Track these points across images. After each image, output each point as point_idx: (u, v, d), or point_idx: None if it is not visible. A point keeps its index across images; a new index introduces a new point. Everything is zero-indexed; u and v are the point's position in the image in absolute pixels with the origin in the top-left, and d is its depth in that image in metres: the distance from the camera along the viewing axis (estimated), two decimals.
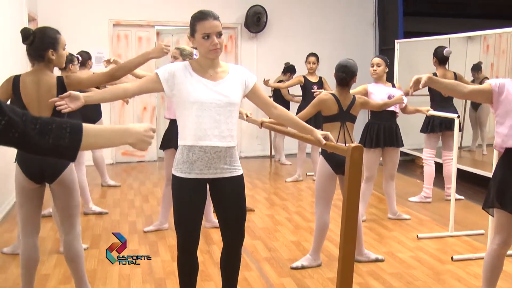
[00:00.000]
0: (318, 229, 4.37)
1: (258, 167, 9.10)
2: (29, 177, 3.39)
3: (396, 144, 5.53)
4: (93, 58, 9.04)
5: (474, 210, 6.13)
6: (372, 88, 5.46)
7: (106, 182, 7.41)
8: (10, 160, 5.48)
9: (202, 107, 3.06)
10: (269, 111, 3.34)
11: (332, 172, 4.24)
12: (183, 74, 3.09)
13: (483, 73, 8.18)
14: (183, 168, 3.13)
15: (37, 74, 3.41)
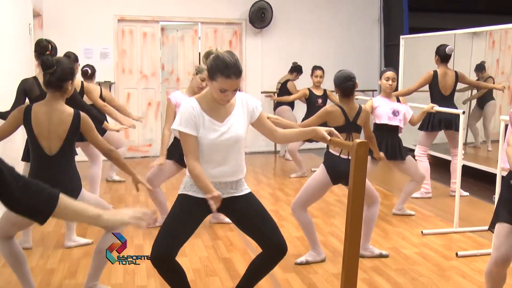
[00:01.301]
0: (305, 228, 4.40)
1: (263, 163, 9.10)
2: None
3: (400, 157, 5.50)
4: (98, 54, 9.15)
5: (479, 206, 6.12)
6: (378, 101, 5.43)
7: (111, 177, 7.43)
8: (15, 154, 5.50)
9: (212, 149, 3.09)
10: (273, 136, 3.36)
11: (329, 182, 4.26)
12: (197, 118, 3.07)
13: (487, 72, 8.15)
14: (190, 189, 3.17)
15: (51, 105, 3.41)
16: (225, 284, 3.97)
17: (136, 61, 9.50)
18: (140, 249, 4.73)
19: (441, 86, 6.34)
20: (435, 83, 6.35)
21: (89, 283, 3.69)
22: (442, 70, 6.40)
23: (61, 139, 3.38)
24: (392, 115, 5.39)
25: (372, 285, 3.99)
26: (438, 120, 6.33)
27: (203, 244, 4.85)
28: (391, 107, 5.41)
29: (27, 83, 4.54)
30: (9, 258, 3.53)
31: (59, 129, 3.37)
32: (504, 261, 3.14)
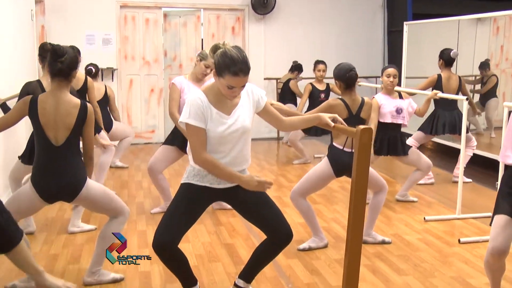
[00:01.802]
0: (305, 215, 4.41)
1: (266, 149, 9.11)
2: (43, 198, 3.44)
3: (402, 153, 5.49)
4: (100, 40, 9.13)
5: (481, 193, 6.13)
6: (381, 99, 5.40)
7: (115, 163, 7.44)
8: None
9: (220, 141, 3.09)
10: (279, 124, 3.37)
11: (332, 174, 4.27)
12: (205, 110, 3.05)
13: (491, 71, 8.12)
14: (193, 179, 3.17)
15: (57, 95, 3.42)
16: (227, 269, 3.99)
17: (138, 48, 9.49)
18: (143, 235, 4.75)
19: (445, 90, 6.29)
20: (438, 87, 6.29)
21: (92, 269, 3.71)
22: (446, 74, 6.37)
23: (68, 130, 3.40)
24: (395, 113, 5.37)
25: (374, 271, 4.01)
26: (442, 123, 6.30)
27: (206, 230, 4.86)
28: (394, 105, 5.39)
29: (31, 86, 4.53)
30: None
31: (66, 120, 3.38)
32: (500, 253, 3.11)
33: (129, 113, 9.54)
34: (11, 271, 3.94)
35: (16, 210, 3.45)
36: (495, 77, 7.96)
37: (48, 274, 2.26)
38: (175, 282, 3.76)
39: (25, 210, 3.50)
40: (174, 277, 3.83)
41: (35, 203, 3.45)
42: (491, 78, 7.96)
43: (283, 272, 3.99)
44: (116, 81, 9.34)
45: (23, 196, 3.47)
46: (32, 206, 3.49)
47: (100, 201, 3.56)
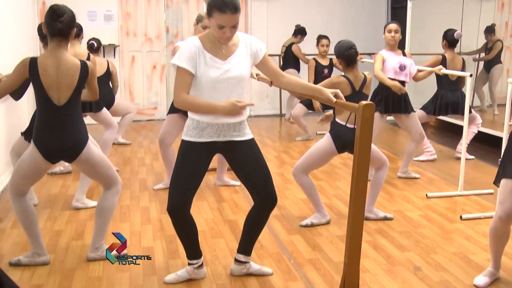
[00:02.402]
0: (307, 192, 4.42)
1: (268, 126, 9.10)
2: (46, 158, 3.45)
3: (405, 111, 5.49)
4: (102, 16, 9.07)
5: (484, 170, 6.13)
6: (385, 55, 5.42)
7: (117, 140, 7.44)
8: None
9: (214, 88, 3.08)
10: (278, 79, 3.35)
11: (334, 150, 4.27)
12: (197, 55, 3.06)
13: (496, 36, 8.05)
14: (192, 133, 3.17)
15: (56, 56, 3.41)
16: (230, 245, 4.01)
17: (140, 24, 9.43)
18: (146, 211, 4.77)
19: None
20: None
21: (95, 244, 3.73)
22: (450, 55, 6.32)
23: (71, 90, 3.42)
24: (398, 70, 5.37)
25: (376, 247, 4.02)
26: (445, 104, 6.27)
27: (209, 207, 4.88)
28: (398, 61, 5.38)
29: None
30: (22, 216, 3.59)
31: (68, 80, 3.40)
32: (508, 217, 3.17)
33: (131, 90, 9.52)
34: (16, 246, 3.98)
35: (23, 175, 3.52)
36: (500, 42, 7.90)
37: None
38: (177, 258, 3.80)
39: (31, 174, 3.52)
40: (176, 254, 3.87)
41: (38, 164, 3.47)
42: (496, 44, 7.90)
43: (285, 248, 4.01)
44: (118, 57, 9.30)
45: (27, 158, 3.49)
46: (36, 168, 3.49)
47: (99, 165, 3.59)
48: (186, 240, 3.36)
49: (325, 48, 7.70)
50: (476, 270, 3.62)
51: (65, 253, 3.90)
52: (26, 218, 3.60)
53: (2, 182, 5.42)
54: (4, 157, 5.58)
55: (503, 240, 3.34)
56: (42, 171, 3.58)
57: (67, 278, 3.50)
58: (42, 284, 3.42)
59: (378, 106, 5.48)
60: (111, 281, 3.46)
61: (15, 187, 3.56)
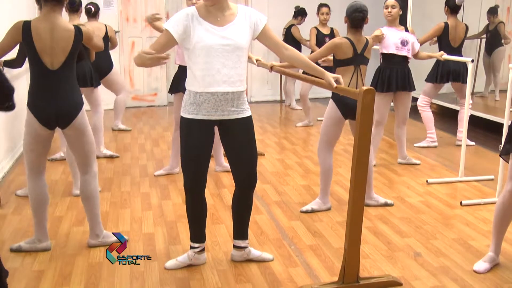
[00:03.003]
0: (323, 173, 4.40)
1: (269, 112, 9.08)
2: (42, 124, 3.44)
3: (409, 88, 5.47)
4: (102, 1, 8.99)
5: (484, 156, 6.12)
6: (385, 31, 5.37)
7: (117, 126, 7.43)
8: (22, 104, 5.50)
9: (209, 53, 3.06)
10: (280, 52, 3.31)
11: (340, 116, 4.23)
12: (190, 22, 3.07)
13: (499, 17, 8.01)
14: (190, 109, 3.16)
15: (50, 20, 3.40)
16: (230, 231, 4.00)
17: (140, 9, 9.37)
18: (147, 197, 4.77)
19: (451, 38, 6.24)
20: (445, 34, 6.25)
21: (95, 231, 3.74)
22: (453, 21, 6.28)
23: (64, 55, 3.41)
24: (400, 45, 5.32)
25: (376, 233, 4.03)
26: (447, 71, 6.25)
27: (209, 193, 4.88)
28: (399, 37, 5.34)
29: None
30: (34, 196, 3.60)
31: (62, 45, 3.39)
32: None
33: (131, 75, 9.48)
34: (16, 233, 3.99)
35: (28, 147, 3.55)
36: (503, 24, 7.86)
37: None
38: (178, 244, 3.81)
39: (34, 144, 3.52)
40: (177, 239, 3.88)
41: (37, 132, 3.47)
42: (499, 25, 7.85)
43: (286, 234, 4.02)
44: (118, 43, 9.22)
45: (26, 127, 3.51)
46: (37, 136, 3.49)
47: (88, 136, 3.57)
48: (195, 220, 3.41)
49: (325, 16, 7.64)
50: (476, 256, 3.63)
51: (66, 239, 3.91)
52: (38, 200, 3.61)
53: (3, 168, 5.42)
54: (4, 143, 5.58)
55: (508, 218, 3.37)
56: (44, 140, 3.53)
57: (68, 264, 3.51)
58: (44, 270, 3.43)
59: (381, 86, 5.43)
60: (112, 267, 3.47)
61: (29, 162, 3.58)
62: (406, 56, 5.41)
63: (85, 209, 3.78)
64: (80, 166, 3.68)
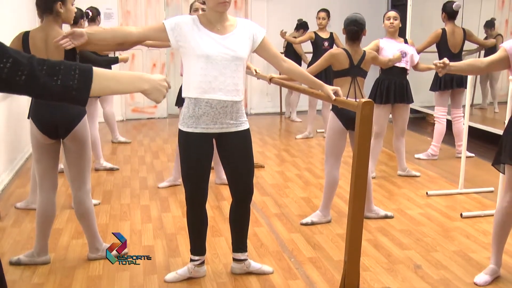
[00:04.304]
0: (328, 185, 4.39)
1: (268, 124, 9.09)
2: (43, 133, 3.45)
3: (407, 100, 5.49)
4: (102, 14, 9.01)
5: (484, 168, 6.12)
6: (384, 43, 5.38)
7: (117, 138, 7.44)
8: (23, 116, 5.51)
9: (208, 60, 3.07)
10: (279, 64, 3.32)
11: (342, 127, 4.24)
12: (190, 27, 3.09)
13: (496, 30, 8.04)
14: (189, 122, 3.16)
15: (45, 30, 3.44)
16: (230, 244, 4.00)
17: (140, 22, 9.41)
18: (147, 209, 4.77)
19: (450, 44, 6.28)
20: (443, 41, 6.28)
21: (94, 245, 3.73)
22: (450, 27, 6.32)
23: None
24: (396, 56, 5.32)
25: (377, 246, 4.02)
26: (450, 77, 6.24)
27: (209, 205, 4.86)
28: (398, 48, 5.33)
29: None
30: (43, 212, 3.59)
31: (55, 53, 3.40)
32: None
33: None
34: (16, 245, 3.98)
35: (35, 159, 3.56)
36: (501, 37, 7.87)
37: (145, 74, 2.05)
38: (178, 256, 3.80)
39: (38, 155, 3.53)
40: (177, 252, 3.87)
41: (39, 141, 3.48)
42: (497, 38, 7.87)
43: (286, 247, 4.01)
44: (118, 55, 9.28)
45: (30, 139, 3.52)
46: (39, 147, 3.49)
47: (87, 149, 3.56)
48: (196, 234, 3.41)
49: (321, 20, 7.65)
50: (476, 268, 3.62)
51: (65, 251, 3.90)
52: (45, 216, 3.60)
53: (2, 181, 5.42)
54: (3, 156, 5.58)
55: (507, 228, 3.38)
56: (48, 151, 3.52)
57: (68, 277, 3.50)
58: (43, 283, 3.42)
59: (380, 97, 5.44)
60: (112, 280, 3.46)
61: (38, 176, 3.58)
62: (404, 68, 5.43)
63: (82, 226, 3.77)
64: (73, 182, 3.62)
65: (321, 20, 7.65)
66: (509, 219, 3.35)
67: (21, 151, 6.21)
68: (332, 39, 7.64)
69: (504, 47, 3.26)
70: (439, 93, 6.43)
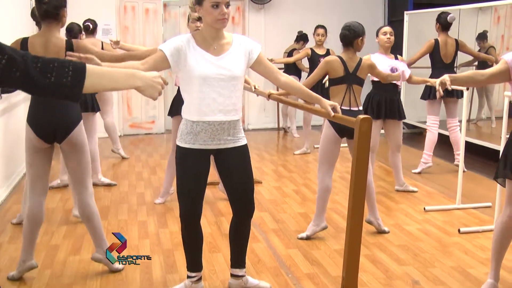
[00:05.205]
0: (320, 192, 4.39)
1: (266, 139, 9.10)
2: (40, 137, 3.47)
3: (398, 117, 5.50)
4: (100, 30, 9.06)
5: (481, 183, 6.12)
6: (375, 58, 5.37)
7: (118, 149, 7.39)
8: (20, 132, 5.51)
9: (205, 82, 3.07)
10: (276, 78, 3.31)
11: (336, 135, 4.24)
12: (187, 48, 3.08)
13: (488, 42, 8.09)
14: (187, 139, 3.16)
15: (45, 36, 3.46)
16: (228, 260, 3.98)
17: (138, 38, 9.45)
18: (144, 225, 4.75)
19: (442, 54, 6.32)
20: (436, 51, 6.34)
21: (102, 247, 3.70)
22: (443, 38, 6.38)
23: None
24: (390, 72, 5.33)
25: (374, 261, 4.01)
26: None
27: (206, 221, 4.86)
28: (389, 64, 5.35)
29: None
30: (31, 217, 3.58)
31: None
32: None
33: (129, 103, 9.52)
34: (13, 261, 3.95)
35: (28, 162, 3.55)
36: (493, 49, 7.91)
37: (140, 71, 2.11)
38: (175, 272, 3.79)
39: (31, 159, 3.52)
40: (174, 268, 3.85)
41: (34, 145, 3.48)
42: (490, 50, 7.91)
43: (283, 262, 4.00)
44: None
45: (25, 144, 3.52)
46: (35, 150, 3.49)
47: (85, 153, 3.56)
48: (191, 250, 3.38)
49: (320, 37, 7.69)
50: (474, 284, 3.61)
51: (62, 268, 3.88)
52: (33, 221, 3.59)
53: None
54: (0, 171, 5.57)
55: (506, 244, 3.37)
56: (42, 156, 3.52)
57: None
58: None
59: (371, 113, 5.45)
60: None
61: (29, 181, 3.58)
62: (396, 84, 5.46)
63: (88, 229, 3.77)
64: (75, 186, 3.66)
65: (320, 37, 7.69)
66: (509, 233, 3.34)
67: (18, 166, 6.20)
68: (328, 55, 7.64)
69: (505, 59, 3.26)
70: (430, 102, 6.46)
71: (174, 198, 5.35)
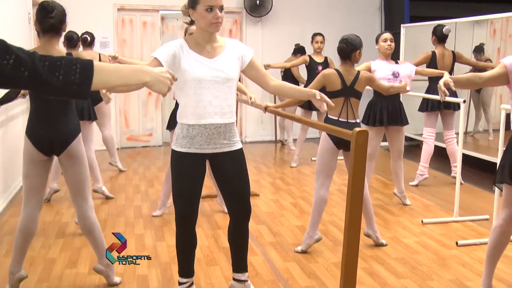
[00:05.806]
0: (315, 203, 4.38)
1: (263, 152, 9.10)
2: (38, 149, 3.47)
3: (400, 122, 5.49)
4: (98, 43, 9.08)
5: (478, 195, 6.13)
6: (376, 65, 5.40)
7: (115, 161, 7.38)
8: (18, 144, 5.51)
9: (200, 85, 3.09)
10: (267, 83, 3.32)
11: (334, 147, 4.24)
12: (180, 52, 3.11)
13: (485, 55, 8.13)
14: (182, 143, 3.17)
15: (46, 48, 3.47)
16: (225, 273, 3.99)
17: (136, 50, 9.48)
18: (141, 238, 4.74)
19: (439, 67, 6.35)
20: (433, 64, 6.37)
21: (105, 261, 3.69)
22: (440, 50, 6.42)
23: None
24: (392, 77, 5.31)
25: (372, 274, 4.00)
26: (437, 100, 6.30)
27: (204, 234, 4.85)
28: (390, 69, 5.35)
29: None
30: (24, 229, 3.55)
31: None
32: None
33: (127, 116, 9.53)
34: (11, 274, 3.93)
35: (24, 173, 3.54)
36: (490, 62, 7.96)
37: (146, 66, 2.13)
38: (173, 286, 3.77)
39: (28, 170, 3.51)
40: (171, 281, 3.84)
41: (32, 157, 3.47)
42: (487, 62, 7.96)
43: (281, 275, 3.99)
44: None
45: (23, 156, 3.51)
46: (33, 162, 3.48)
47: (84, 166, 3.56)
48: (184, 255, 3.38)
49: (319, 44, 7.72)
50: None
51: (59, 281, 3.86)
52: (26, 233, 3.56)
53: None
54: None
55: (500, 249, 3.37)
56: (39, 168, 3.51)
57: None
58: None
59: (373, 120, 5.47)
60: None
61: (25, 193, 3.57)
62: None
63: (89, 241, 3.76)
64: (74, 198, 3.64)
65: (319, 44, 7.73)
66: (504, 238, 3.33)
67: (14, 180, 6.18)
68: (326, 63, 7.69)
69: (504, 63, 3.26)
70: (427, 114, 6.49)
71: (172, 211, 5.33)
